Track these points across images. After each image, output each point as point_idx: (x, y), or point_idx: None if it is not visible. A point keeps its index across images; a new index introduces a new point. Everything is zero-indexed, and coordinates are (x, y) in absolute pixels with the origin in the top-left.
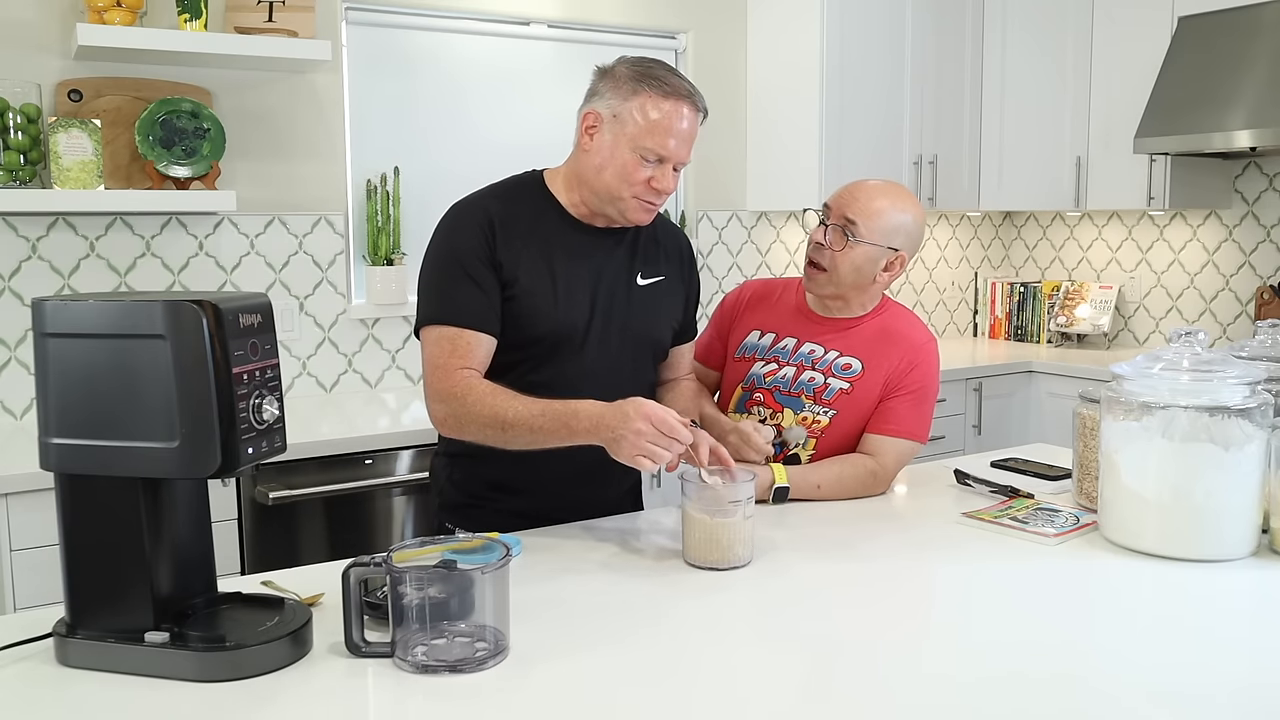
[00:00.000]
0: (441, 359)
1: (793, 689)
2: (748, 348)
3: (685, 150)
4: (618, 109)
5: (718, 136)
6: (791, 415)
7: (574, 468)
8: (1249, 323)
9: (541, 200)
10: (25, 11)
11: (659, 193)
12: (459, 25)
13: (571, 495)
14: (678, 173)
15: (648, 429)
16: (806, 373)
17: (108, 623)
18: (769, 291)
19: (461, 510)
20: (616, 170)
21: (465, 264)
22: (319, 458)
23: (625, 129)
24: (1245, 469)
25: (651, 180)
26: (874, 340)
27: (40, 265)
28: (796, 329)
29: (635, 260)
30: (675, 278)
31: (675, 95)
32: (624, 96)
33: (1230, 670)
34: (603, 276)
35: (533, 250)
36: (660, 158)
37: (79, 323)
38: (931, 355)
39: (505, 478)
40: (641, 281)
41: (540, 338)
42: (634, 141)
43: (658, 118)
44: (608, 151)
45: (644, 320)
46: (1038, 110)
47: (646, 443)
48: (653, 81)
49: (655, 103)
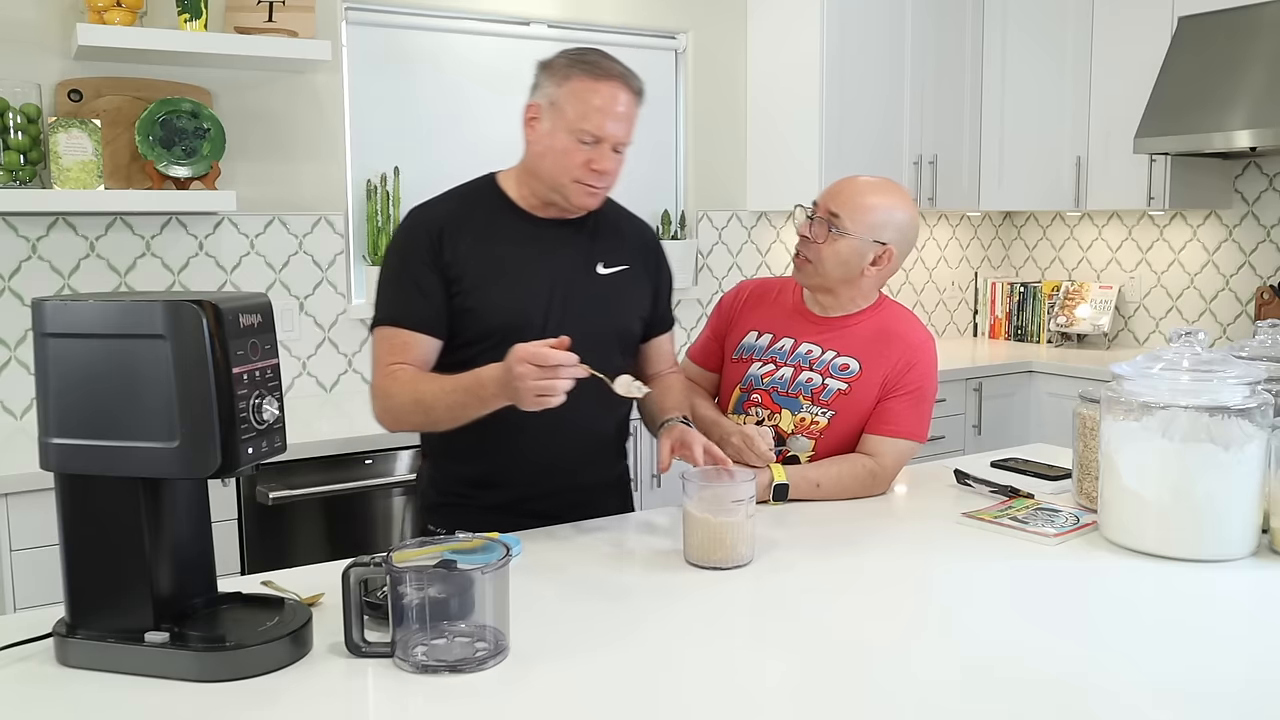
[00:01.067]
0: (379, 358)
1: (794, 689)
2: (745, 348)
3: (621, 130)
4: (554, 97)
5: (718, 136)
6: (789, 416)
7: (550, 458)
8: (1249, 323)
9: (494, 199)
10: (25, 11)
11: (600, 174)
12: (459, 25)
13: (550, 485)
14: (619, 154)
15: (529, 369)
16: (804, 373)
17: (108, 623)
18: (766, 291)
19: (442, 510)
20: (556, 156)
21: (409, 269)
22: (319, 458)
23: (561, 115)
24: (1245, 469)
25: (590, 162)
26: (871, 340)
27: (40, 265)
28: (794, 329)
29: (595, 250)
30: (640, 268)
31: (606, 77)
32: (558, 83)
33: (1230, 670)
34: (559, 267)
35: (484, 248)
36: (596, 139)
37: (79, 323)
38: (929, 354)
39: (483, 474)
40: (603, 271)
41: (493, 330)
42: (570, 125)
43: (590, 99)
44: (547, 139)
45: (607, 309)
46: (1038, 110)
47: (533, 382)
48: (584, 66)
49: (587, 85)
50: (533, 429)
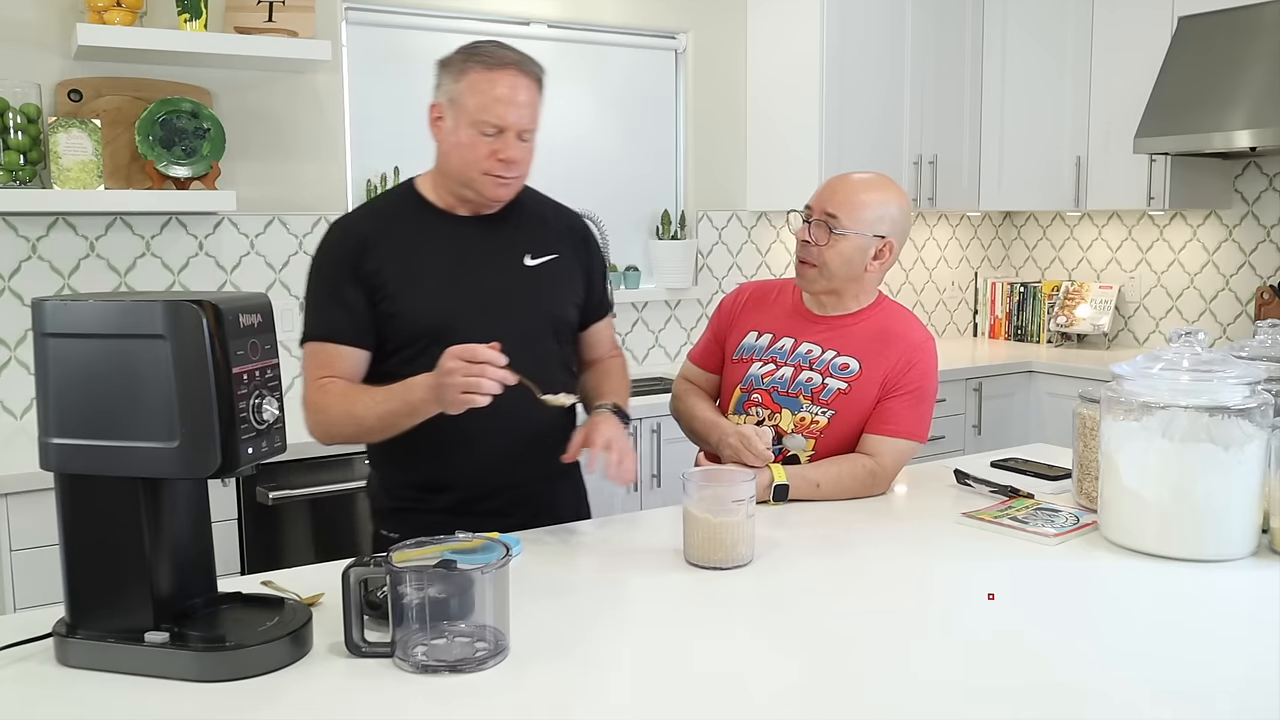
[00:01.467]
0: (309, 373)
1: (794, 688)
2: (745, 349)
3: (523, 117)
4: (453, 93)
5: (718, 136)
6: (789, 416)
7: (491, 456)
8: (1249, 323)
9: (413, 204)
10: (25, 11)
11: (507, 164)
12: (459, 25)
13: (495, 484)
14: (527, 142)
15: (458, 365)
16: (804, 373)
17: (108, 623)
18: (765, 293)
19: (394, 515)
20: (462, 151)
21: (330, 284)
22: (319, 458)
23: (462, 109)
24: (1245, 469)
25: (496, 153)
26: (871, 340)
27: (40, 265)
28: (794, 329)
29: (521, 242)
30: (571, 256)
31: (501, 65)
32: (455, 79)
33: (1230, 670)
34: (484, 263)
35: (405, 253)
36: (498, 129)
37: (79, 323)
38: (929, 354)
39: (427, 478)
40: (530, 262)
41: (422, 333)
42: (470, 118)
43: (488, 90)
44: (452, 136)
45: (538, 299)
46: (1038, 110)
47: (461, 378)
48: (479, 58)
49: (483, 76)
50: (471, 428)
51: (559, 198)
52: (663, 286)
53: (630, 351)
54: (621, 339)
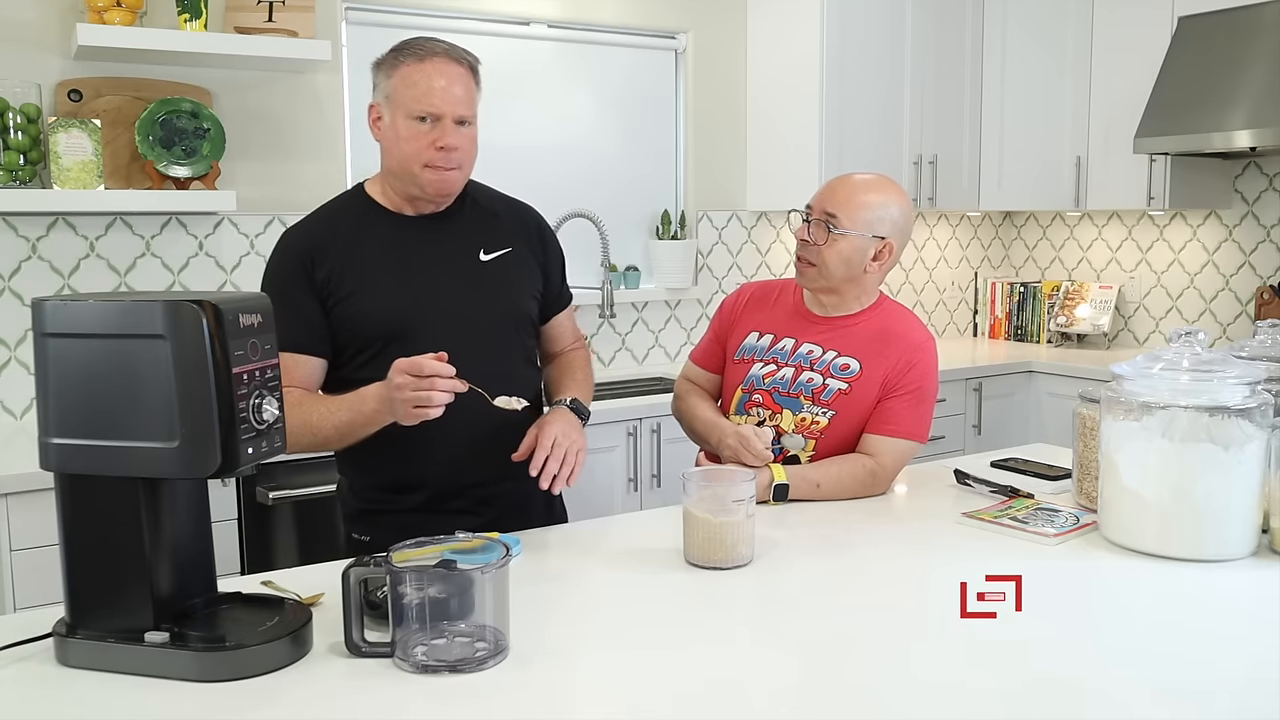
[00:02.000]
0: None
1: (794, 688)
2: (746, 349)
3: (457, 103)
4: (387, 90)
5: (718, 136)
6: (790, 416)
7: (455, 453)
8: (1249, 323)
9: (362, 207)
10: (25, 11)
11: (446, 151)
12: (459, 25)
13: (462, 481)
14: (466, 130)
15: (406, 380)
16: (805, 373)
17: (108, 623)
18: (766, 293)
19: (364, 518)
20: (401, 145)
21: (282, 294)
22: (319, 458)
23: (397, 104)
24: (1245, 469)
25: (434, 141)
26: (872, 340)
27: (40, 265)
28: (794, 329)
29: (474, 238)
30: (525, 249)
31: (430, 54)
32: (388, 76)
33: (1230, 669)
34: (437, 263)
35: (356, 258)
36: (433, 116)
37: (79, 323)
38: (930, 354)
39: (393, 479)
40: (485, 257)
41: (378, 336)
42: (405, 110)
43: (418, 80)
44: (391, 132)
45: (495, 294)
46: (1038, 110)
47: (410, 393)
48: (407, 52)
49: (413, 68)
50: (434, 427)
51: (559, 198)
52: (663, 286)
53: (630, 351)
54: (621, 339)
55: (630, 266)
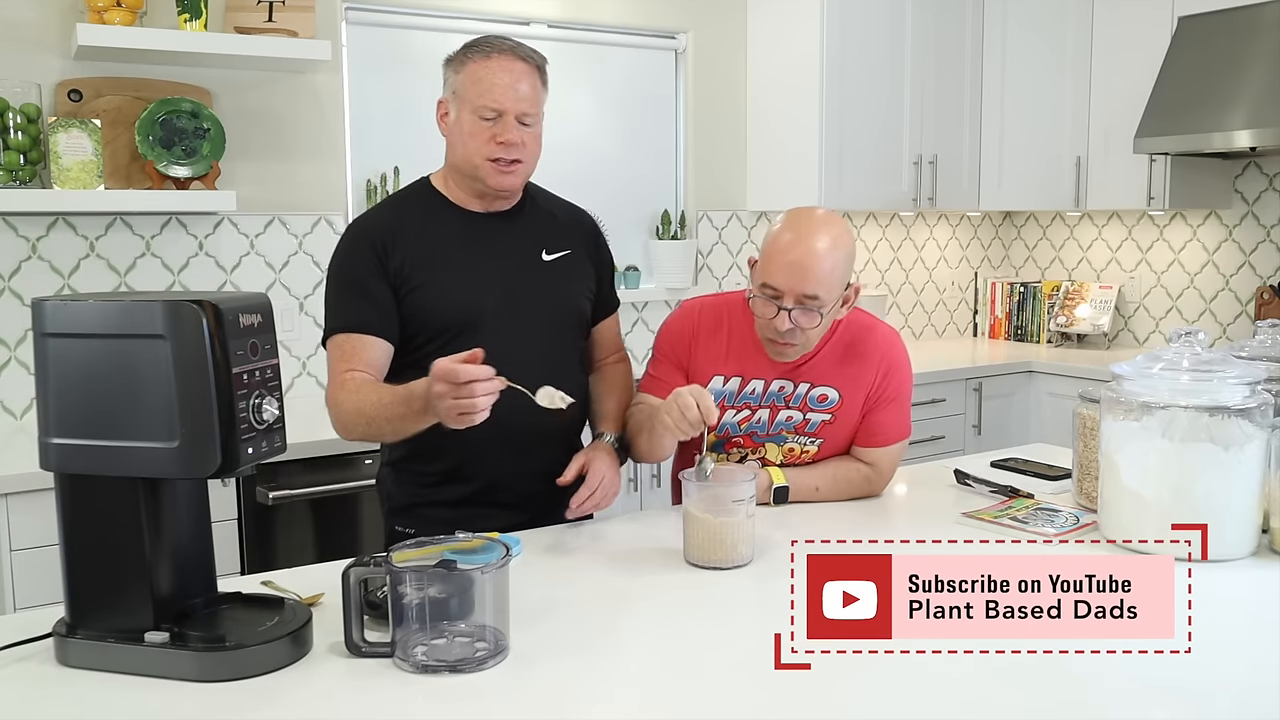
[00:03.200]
0: (332, 368)
1: (795, 688)
2: (713, 394)
3: (521, 100)
4: (455, 86)
5: (718, 136)
6: (776, 449)
7: (510, 449)
8: (1249, 323)
9: (430, 201)
10: (25, 11)
11: (507, 146)
12: (459, 25)
13: (510, 474)
14: (529, 127)
15: (445, 388)
16: (782, 412)
17: (108, 623)
18: (717, 323)
19: (410, 511)
20: (465, 139)
21: (354, 279)
22: (319, 458)
23: (464, 100)
24: (1245, 469)
25: (495, 136)
26: (841, 360)
27: (40, 265)
28: (759, 368)
29: (537, 238)
30: (582, 252)
31: (497, 52)
32: (457, 72)
33: (1230, 670)
34: (504, 258)
35: (426, 248)
36: (496, 112)
37: (79, 323)
38: (900, 352)
39: (449, 469)
40: (547, 257)
41: (448, 326)
42: (471, 105)
43: (484, 76)
44: (456, 127)
45: (558, 293)
46: (1038, 110)
47: (452, 400)
48: (476, 49)
49: (480, 64)
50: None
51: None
52: (663, 286)
53: (630, 352)
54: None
55: (630, 266)
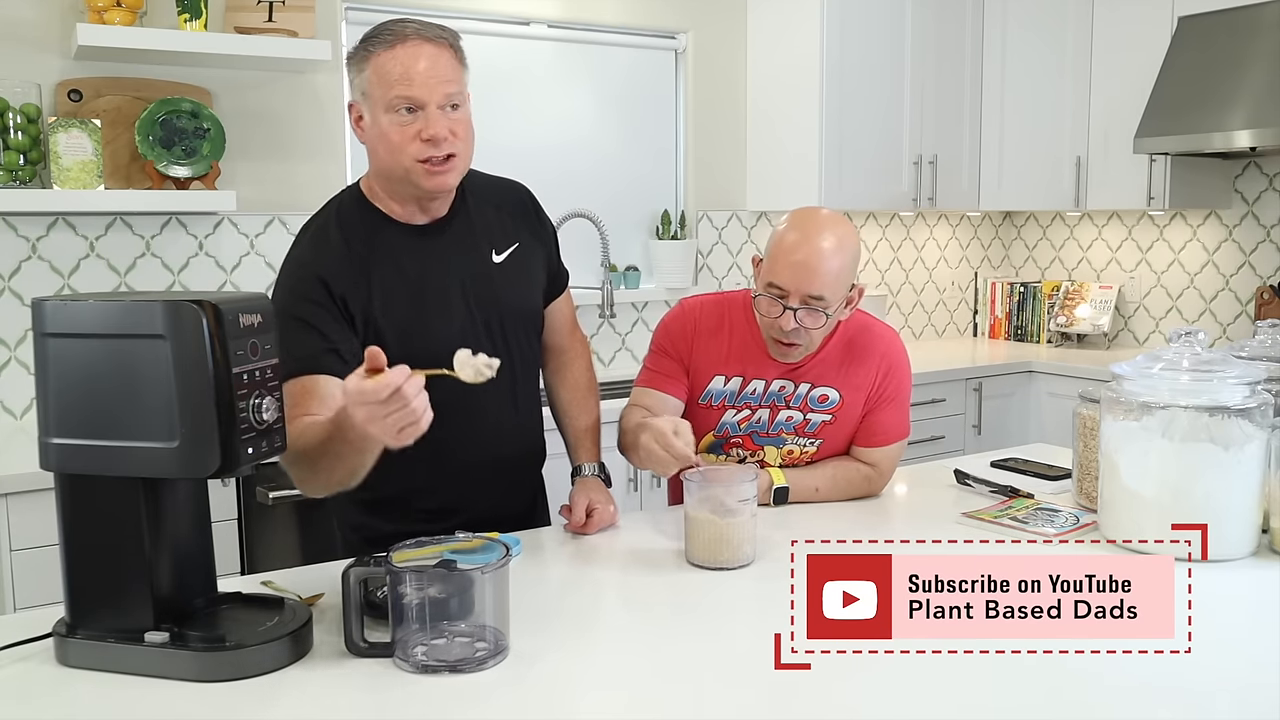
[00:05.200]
0: (287, 414)
1: (795, 688)
2: (714, 394)
3: (441, 85)
4: (363, 85)
5: (718, 136)
6: (774, 451)
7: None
8: (1249, 323)
9: (367, 220)
10: (25, 11)
11: (434, 142)
12: (459, 25)
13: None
14: (456, 113)
15: (368, 411)
16: (783, 412)
17: (108, 623)
18: (719, 322)
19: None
20: (386, 142)
21: (298, 315)
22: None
23: (375, 99)
24: (1245, 469)
25: (419, 133)
26: (842, 361)
27: (40, 265)
28: (760, 367)
29: (483, 239)
30: (528, 237)
31: (401, 39)
32: (360, 69)
33: (1230, 670)
34: (452, 272)
35: (379, 286)
36: (413, 104)
37: (79, 323)
38: (899, 351)
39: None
40: (497, 258)
41: (397, 355)
42: (385, 103)
43: (392, 68)
44: (373, 129)
45: (515, 296)
46: (1038, 110)
47: (383, 420)
48: (375, 41)
49: (385, 56)
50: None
51: (559, 198)
52: (663, 286)
53: (630, 351)
54: (621, 339)
55: (630, 266)
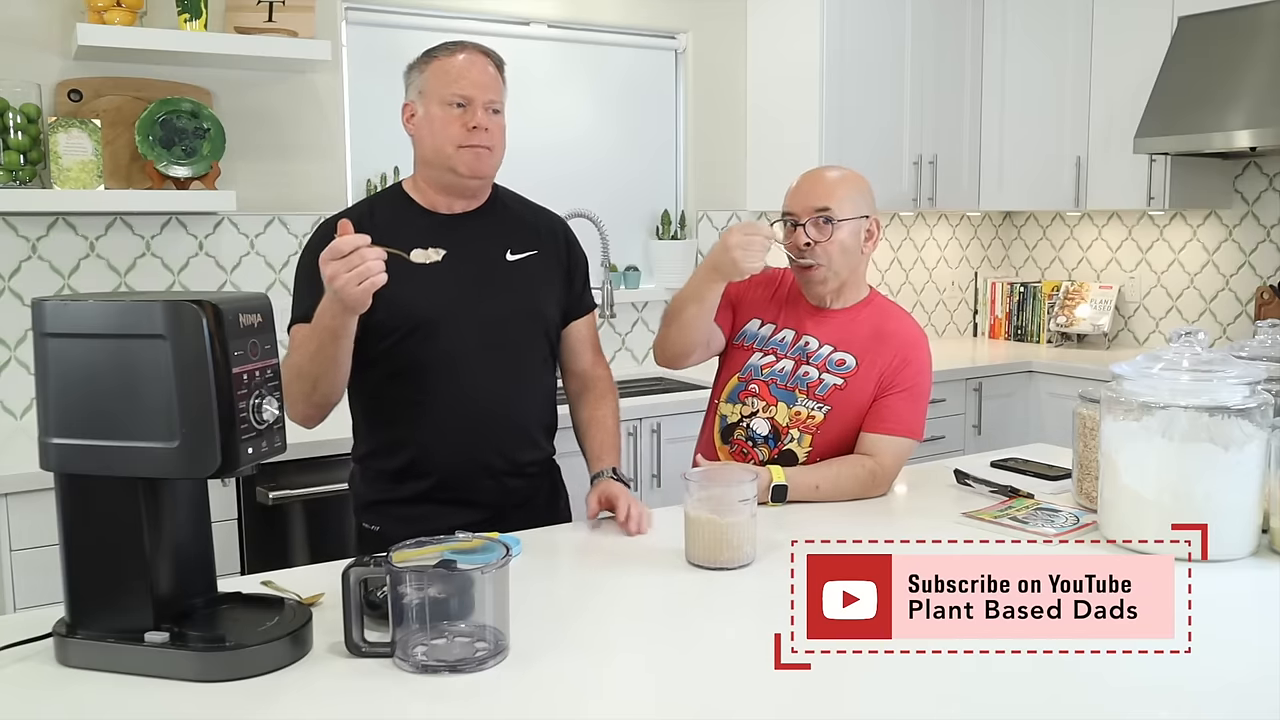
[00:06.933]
0: (285, 356)
1: (795, 688)
2: (747, 335)
3: (489, 89)
4: (420, 86)
5: (718, 136)
6: (785, 410)
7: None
8: (1249, 323)
9: (399, 203)
10: (25, 11)
11: (477, 131)
12: (459, 25)
13: (471, 470)
14: (496, 116)
15: (335, 267)
16: (803, 367)
17: (108, 623)
18: (773, 276)
19: (374, 508)
20: (434, 130)
21: (307, 262)
22: (319, 458)
23: (429, 96)
24: (1245, 469)
25: (466, 122)
26: (869, 337)
27: (40, 265)
28: (795, 320)
29: (503, 239)
30: (551, 254)
31: (461, 49)
32: (419, 72)
33: (1230, 670)
34: (467, 257)
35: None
36: (464, 99)
37: (79, 323)
38: (924, 352)
39: (405, 464)
40: (512, 257)
41: (400, 324)
42: (437, 98)
43: (450, 69)
44: (424, 122)
45: (520, 292)
46: (1038, 110)
47: (346, 274)
48: (439, 49)
49: (445, 60)
50: (450, 414)
51: (559, 198)
52: (663, 286)
53: (630, 351)
54: (621, 339)
55: (630, 266)
